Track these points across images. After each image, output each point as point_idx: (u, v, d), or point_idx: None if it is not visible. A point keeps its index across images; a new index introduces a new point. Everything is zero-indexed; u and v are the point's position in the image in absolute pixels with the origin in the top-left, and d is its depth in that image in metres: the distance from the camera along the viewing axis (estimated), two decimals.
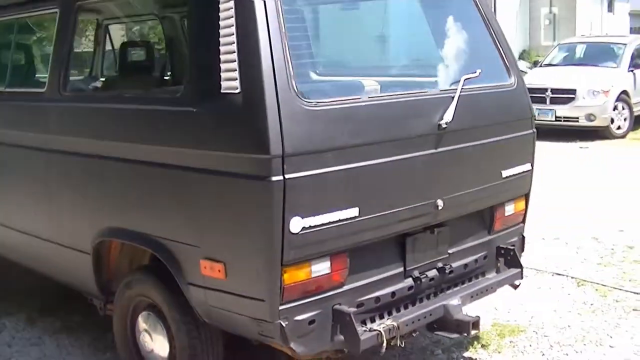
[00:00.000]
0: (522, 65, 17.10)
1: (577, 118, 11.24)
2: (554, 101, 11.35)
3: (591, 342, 4.08)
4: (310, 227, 2.81)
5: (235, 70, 2.78)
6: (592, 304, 4.63)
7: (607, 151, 10.23)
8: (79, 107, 3.67)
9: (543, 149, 10.32)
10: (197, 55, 3.00)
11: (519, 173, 3.78)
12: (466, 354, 3.99)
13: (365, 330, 3.04)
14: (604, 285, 4.92)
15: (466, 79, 3.40)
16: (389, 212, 3.09)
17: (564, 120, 11.34)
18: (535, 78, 12.09)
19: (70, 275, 3.93)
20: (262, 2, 2.77)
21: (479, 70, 3.52)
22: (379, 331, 3.04)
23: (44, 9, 3.90)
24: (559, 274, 5.19)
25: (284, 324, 2.83)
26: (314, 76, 3.08)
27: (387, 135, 3.05)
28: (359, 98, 2.99)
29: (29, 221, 4.10)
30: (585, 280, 5.03)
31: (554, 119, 11.37)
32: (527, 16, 23.30)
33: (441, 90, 3.38)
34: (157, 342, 3.41)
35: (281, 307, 2.83)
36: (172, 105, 3.09)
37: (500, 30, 3.80)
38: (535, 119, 3.89)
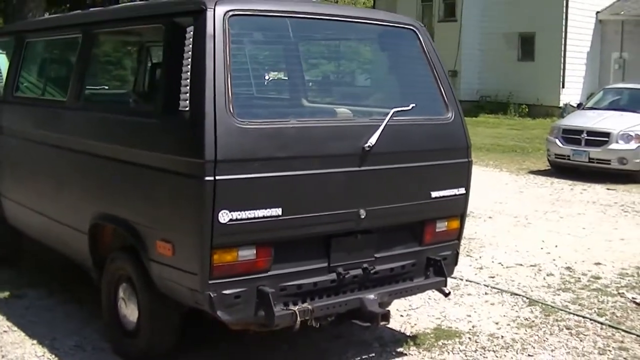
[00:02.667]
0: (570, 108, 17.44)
1: (609, 161, 11.55)
2: (588, 143, 11.71)
3: (513, 350, 4.63)
4: (237, 219, 3.55)
5: (187, 92, 3.58)
6: (532, 321, 5.16)
7: (633, 195, 10.51)
8: (82, 114, 4.55)
9: (573, 188, 10.81)
10: (165, 78, 3.80)
11: (451, 195, 4.42)
12: (399, 349, 4.61)
13: (282, 309, 3.75)
14: (551, 306, 5.44)
15: (396, 111, 4.09)
16: (311, 215, 3.79)
17: (597, 162, 11.67)
18: (573, 120, 12.50)
19: (72, 251, 4.79)
20: (212, 43, 3.56)
21: (412, 105, 4.20)
22: (294, 311, 3.74)
23: (71, 34, 4.86)
24: (516, 294, 5.73)
25: (212, 295, 3.58)
26: (251, 101, 3.84)
27: (312, 152, 3.77)
28: (288, 120, 3.73)
29: (43, 204, 5.03)
30: (536, 301, 5.56)
31: (587, 160, 11.72)
32: (598, 60, 23.44)
33: (371, 119, 4.08)
34: (129, 309, 4.20)
35: (210, 281, 3.58)
36: (144, 117, 3.91)
37: (442, 70, 4.45)
38: (471, 155, 4.51)
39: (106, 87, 4.49)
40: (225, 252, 3.60)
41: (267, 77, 4.04)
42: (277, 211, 3.67)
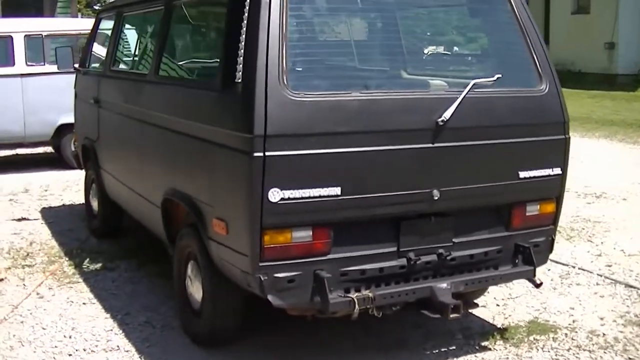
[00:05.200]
0: None
1: None
2: None
3: (613, 351, 4.12)
4: (289, 198, 3.31)
5: (241, 64, 3.36)
6: None
7: None
8: (159, 87, 4.44)
9: None
10: (224, 51, 3.59)
11: (544, 176, 3.96)
12: (484, 343, 4.22)
13: (340, 296, 3.48)
14: None
15: (477, 82, 3.68)
16: (375, 195, 3.48)
17: None
18: None
19: (152, 225, 4.75)
20: (267, 10, 3.31)
21: (496, 76, 3.78)
22: (352, 299, 3.47)
23: (153, 7, 4.77)
24: (631, 286, 5.14)
25: (263, 278, 3.37)
26: (310, 72, 3.55)
27: (376, 127, 3.44)
28: (349, 93, 3.42)
29: (130, 177, 5.02)
30: None
31: None
32: None
33: (448, 91, 3.69)
34: (195, 287, 4.07)
35: (261, 264, 3.37)
36: (207, 90, 3.73)
37: (537, 37, 3.98)
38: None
39: (181, 61, 4.36)
40: (277, 233, 3.37)
41: (330, 46, 3.73)
42: (336, 190, 3.39)
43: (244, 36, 3.37)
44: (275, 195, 3.29)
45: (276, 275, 3.40)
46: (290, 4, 3.39)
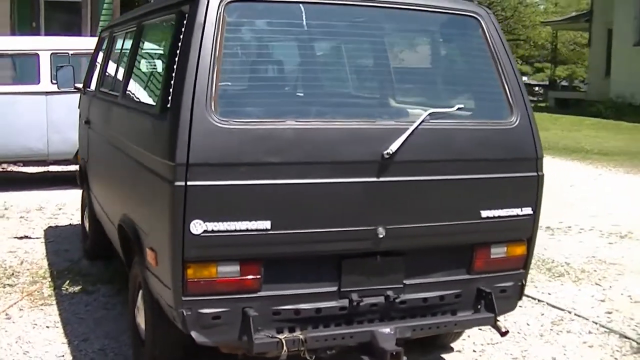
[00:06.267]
0: None
1: None
2: None
3: None
4: (214, 231, 3.12)
5: (171, 87, 3.21)
6: None
7: None
8: (121, 110, 4.33)
9: None
10: (164, 74, 3.45)
11: (512, 216, 3.67)
12: None
13: (267, 336, 3.26)
14: None
15: (432, 112, 3.44)
16: (309, 231, 3.26)
17: None
18: None
19: (119, 250, 4.61)
20: (200, 32, 3.15)
21: (457, 106, 3.54)
22: (280, 340, 3.24)
23: (131, 27, 4.69)
24: (626, 337, 4.75)
25: (185, 313, 3.18)
26: (242, 99, 3.37)
27: (312, 158, 3.23)
28: (283, 121, 3.22)
29: (103, 198, 4.96)
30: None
31: None
32: None
33: (399, 121, 3.44)
34: (141, 316, 3.92)
35: (185, 298, 3.18)
36: (148, 115, 3.58)
37: (510, 66, 3.71)
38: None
39: (139, 84, 4.25)
40: (201, 267, 3.18)
41: (269, 72, 3.53)
42: (265, 224, 3.19)
43: (176, 58, 3.23)
44: (197, 227, 3.11)
45: (200, 310, 3.21)
46: (227, 25, 3.23)
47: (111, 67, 5.37)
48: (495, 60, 3.69)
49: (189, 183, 3.07)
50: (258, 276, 3.26)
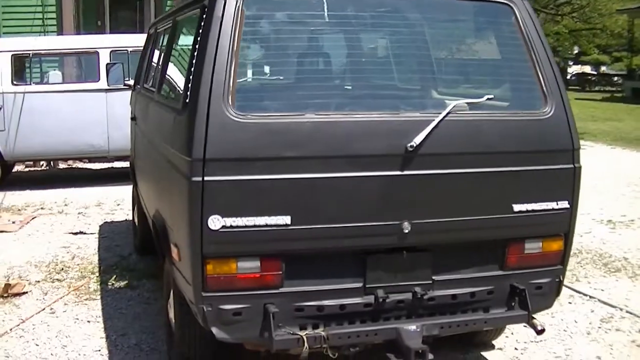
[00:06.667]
0: None
1: None
2: None
3: None
4: (232, 226, 3.08)
5: (190, 82, 3.19)
6: None
7: None
8: (157, 106, 4.34)
9: None
10: (187, 69, 3.44)
11: (547, 210, 3.52)
12: None
13: (289, 333, 3.21)
14: None
15: (457, 104, 3.33)
16: (332, 226, 3.19)
17: None
18: None
19: None
20: (218, 25, 3.12)
21: (486, 97, 3.41)
22: (301, 337, 3.19)
23: (169, 24, 4.71)
24: None
25: (206, 309, 3.17)
26: (260, 92, 3.32)
27: (333, 152, 3.15)
28: (302, 115, 3.15)
29: (144, 194, 4.97)
30: None
31: None
32: None
33: (424, 113, 3.33)
34: (172, 312, 3.94)
35: (205, 294, 3.16)
36: (173, 110, 3.58)
37: (545, 54, 3.55)
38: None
39: (170, 80, 4.26)
40: (221, 263, 3.15)
41: (289, 67, 3.44)
42: (285, 220, 3.13)
43: (195, 53, 3.21)
44: (215, 222, 3.08)
45: (221, 307, 3.18)
46: (246, 19, 3.18)
47: (151, 64, 5.43)
48: (529, 48, 3.54)
49: (206, 178, 3.04)
50: (279, 272, 3.22)
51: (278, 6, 3.38)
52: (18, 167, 10.99)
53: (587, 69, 49.04)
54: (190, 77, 3.23)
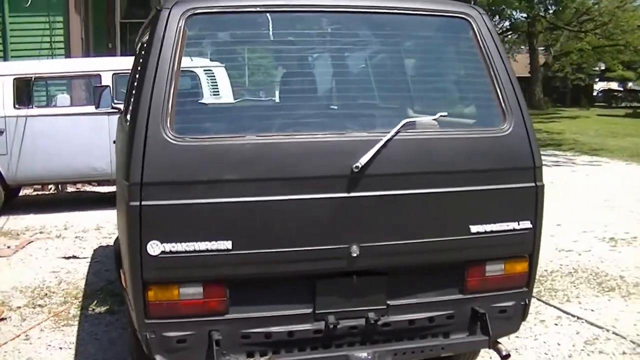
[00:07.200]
0: None
1: None
2: None
3: None
4: (172, 252, 3.01)
5: (130, 104, 3.15)
6: None
7: None
8: (119, 127, 4.30)
9: None
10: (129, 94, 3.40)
11: (508, 230, 3.40)
12: None
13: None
14: None
15: (407, 122, 3.23)
16: (275, 250, 3.11)
17: None
18: None
19: None
20: (158, 47, 3.06)
21: (439, 114, 3.32)
22: None
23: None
24: None
25: (149, 336, 3.10)
26: (201, 115, 3.25)
27: (274, 174, 3.07)
28: (242, 137, 3.08)
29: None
30: None
31: None
32: None
33: (372, 133, 3.24)
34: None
35: (147, 321, 3.09)
36: (124, 132, 3.53)
37: (504, 69, 3.44)
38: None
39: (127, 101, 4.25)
40: (162, 289, 3.08)
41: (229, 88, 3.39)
42: (226, 244, 3.05)
43: (137, 74, 3.17)
44: (155, 248, 3.01)
45: (164, 334, 3.11)
46: (188, 39, 3.13)
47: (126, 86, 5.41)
48: (488, 64, 3.43)
49: (143, 203, 2.98)
50: (223, 298, 3.14)
51: (222, 26, 3.32)
52: (26, 191, 11.06)
53: (614, 85, 48.55)
54: (131, 99, 3.18)
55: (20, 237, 8.06)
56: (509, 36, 39.16)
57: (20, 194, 10.80)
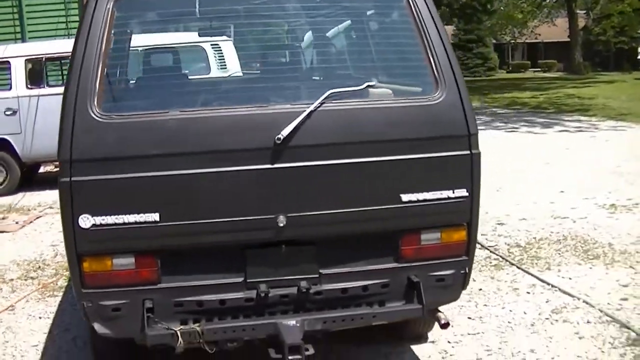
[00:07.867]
0: None
1: None
2: None
3: None
4: (103, 225, 3.13)
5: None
6: None
7: None
8: None
9: None
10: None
11: (442, 199, 3.42)
12: None
13: (163, 328, 3.24)
14: None
15: (334, 92, 3.27)
16: (202, 221, 3.20)
17: None
18: None
19: None
20: (87, 29, 3.16)
21: (365, 84, 3.35)
22: (175, 332, 3.22)
23: None
24: (627, 327, 4.31)
25: (86, 305, 3.23)
26: (127, 92, 3.33)
27: (198, 148, 3.15)
28: (166, 112, 3.16)
29: None
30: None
31: None
32: None
33: (296, 104, 3.29)
34: None
35: (84, 291, 3.23)
36: None
37: (438, 37, 3.42)
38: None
39: None
40: (96, 260, 3.20)
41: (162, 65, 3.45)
42: (154, 216, 3.15)
43: (70, 56, 3.27)
44: (86, 221, 3.13)
45: (101, 302, 3.24)
46: (116, 20, 3.22)
47: None
48: (421, 31, 3.43)
49: (73, 178, 3.10)
50: (155, 268, 3.24)
51: (151, 6, 3.39)
52: (47, 168, 11.36)
53: None
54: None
55: (29, 213, 8.33)
56: (547, 0, 38.26)
57: (41, 171, 11.10)
